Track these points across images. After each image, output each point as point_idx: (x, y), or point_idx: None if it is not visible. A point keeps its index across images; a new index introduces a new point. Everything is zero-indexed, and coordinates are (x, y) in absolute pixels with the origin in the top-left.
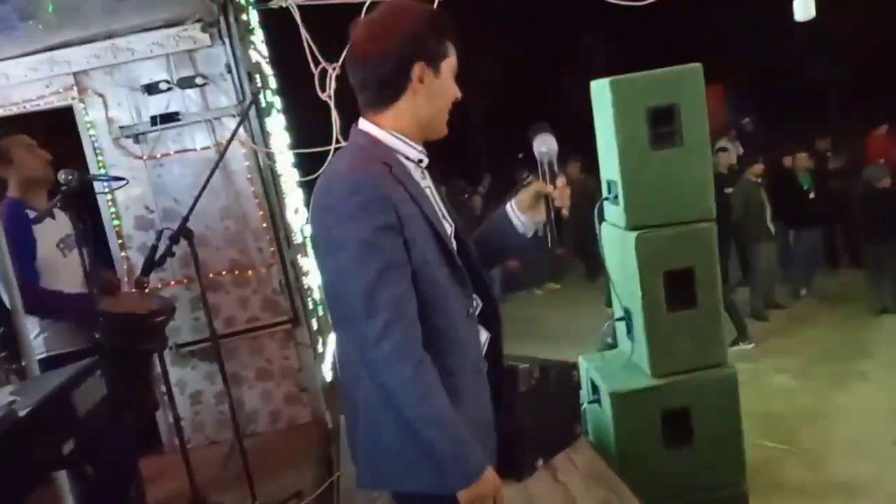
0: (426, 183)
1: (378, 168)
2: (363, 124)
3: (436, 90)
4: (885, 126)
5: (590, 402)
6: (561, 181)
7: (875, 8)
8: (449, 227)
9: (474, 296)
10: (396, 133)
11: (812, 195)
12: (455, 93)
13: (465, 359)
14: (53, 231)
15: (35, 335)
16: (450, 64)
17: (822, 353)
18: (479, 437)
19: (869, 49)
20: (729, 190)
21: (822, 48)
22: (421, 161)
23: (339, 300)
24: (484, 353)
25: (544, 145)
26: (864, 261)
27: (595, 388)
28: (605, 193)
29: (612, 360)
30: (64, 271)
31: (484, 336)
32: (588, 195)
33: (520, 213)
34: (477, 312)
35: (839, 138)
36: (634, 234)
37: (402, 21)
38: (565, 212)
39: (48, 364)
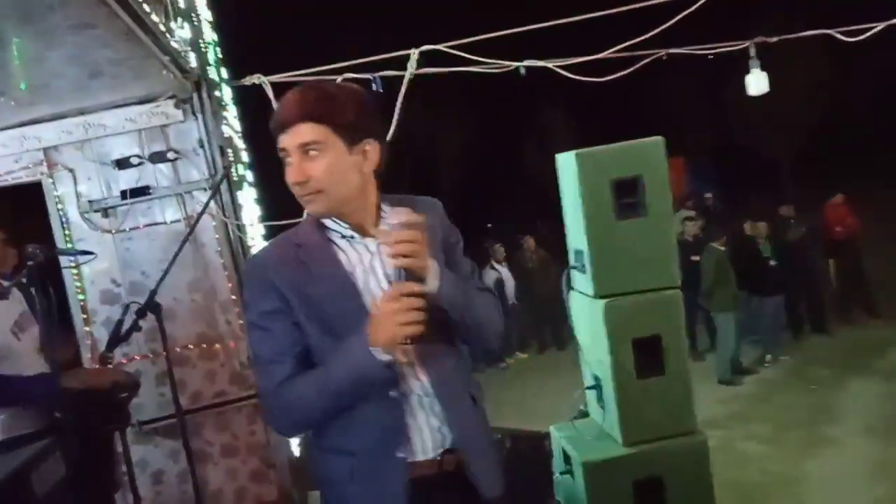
0: (367, 258)
1: (280, 250)
2: None
3: None
4: (840, 195)
5: (562, 473)
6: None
7: (823, 82)
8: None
9: (418, 380)
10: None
11: (773, 262)
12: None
13: (367, 441)
14: (6, 313)
15: None
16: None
17: (790, 418)
18: None
19: (819, 121)
20: (696, 258)
21: (775, 121)
22: (353, 237)
23: None
24: (439, 443)
25: None
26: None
27: (567, 458)
28: (572, 262)
29: (584, 430)
30: (19, 355)
31: (434, 423)
32: (546, 266)
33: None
34: (411, 395)
35: (797, 207)
36: (603, 301)
37: None
38: (397, 262)
39: (7, 446)
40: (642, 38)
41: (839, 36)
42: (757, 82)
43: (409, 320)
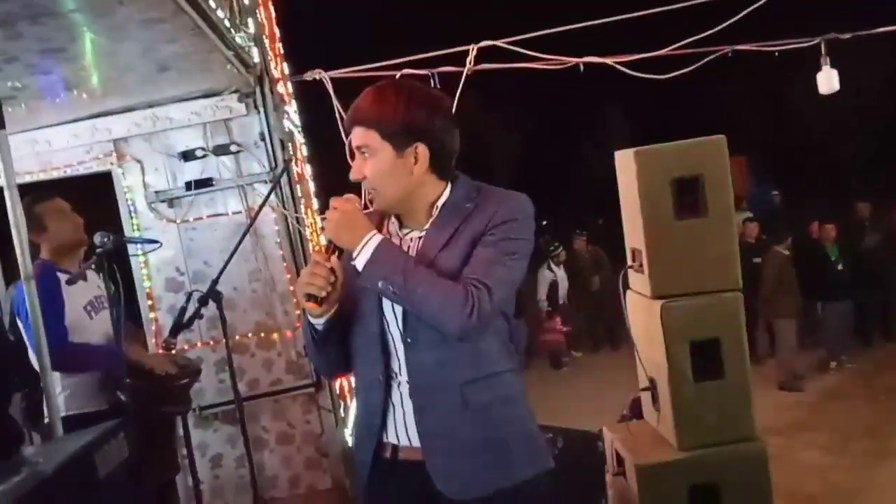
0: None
1: None
2: None
3: None
4: None
5: (615, 475)
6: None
7: (892, 80)
8: None
9: (397, 372)
10: None
11: (840, 267)
12: None
13: (359, 414)
14: (83, 292)
15: (56, 393)
16: None
17: (854, 428)
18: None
19: (889, 121)
20: (757, 259)
21: (842, 120)
22: (407, 229)
23: None
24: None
25: None
26: None
27: (620, 460)
28: (629, 261)
29: (638, 432)
30: (90, 332)
31: (407, 412)
32: (599, 265)
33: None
34: (395, 379)
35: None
36: (659, 302)
37: None
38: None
39: (68, 423)
40: (706, 34)
41: None
42: (828, 81)
43: (308, 282)
